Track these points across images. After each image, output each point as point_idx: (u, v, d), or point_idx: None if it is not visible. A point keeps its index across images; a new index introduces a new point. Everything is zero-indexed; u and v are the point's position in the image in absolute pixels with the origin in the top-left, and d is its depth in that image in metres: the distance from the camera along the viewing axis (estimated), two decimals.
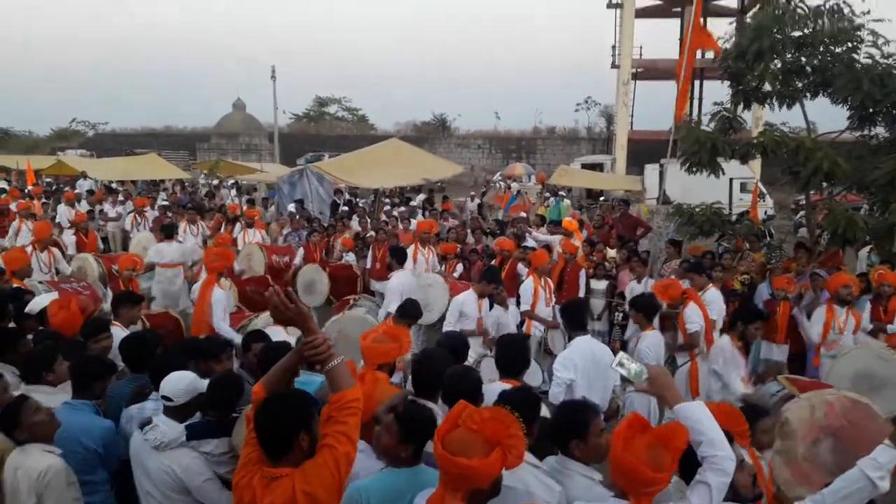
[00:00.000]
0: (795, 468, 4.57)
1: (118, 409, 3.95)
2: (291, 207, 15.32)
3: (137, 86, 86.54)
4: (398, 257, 8.19)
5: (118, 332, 5.06)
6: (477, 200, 20.76)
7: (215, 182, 23.66)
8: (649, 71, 31.70)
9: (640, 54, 31.30)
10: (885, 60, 8.75)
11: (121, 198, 17.22)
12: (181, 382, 3.43)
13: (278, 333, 5.29)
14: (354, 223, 14.08)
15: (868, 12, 8.92)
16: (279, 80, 33.55)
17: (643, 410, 5.71)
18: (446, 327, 6.43)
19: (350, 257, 11.02)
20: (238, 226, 12.45)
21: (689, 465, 2.58)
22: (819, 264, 9.09)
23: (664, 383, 2.71)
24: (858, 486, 2.46)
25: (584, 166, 27.87)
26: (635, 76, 30.89)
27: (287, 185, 16.39)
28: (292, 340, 5.09)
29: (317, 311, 8.86)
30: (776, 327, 7.95)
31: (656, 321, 6.15)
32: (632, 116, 30.99)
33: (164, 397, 3.40)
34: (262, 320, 6.54)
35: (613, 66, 31.62)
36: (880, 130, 9.42)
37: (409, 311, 5.52)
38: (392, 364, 3.96)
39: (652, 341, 5.69)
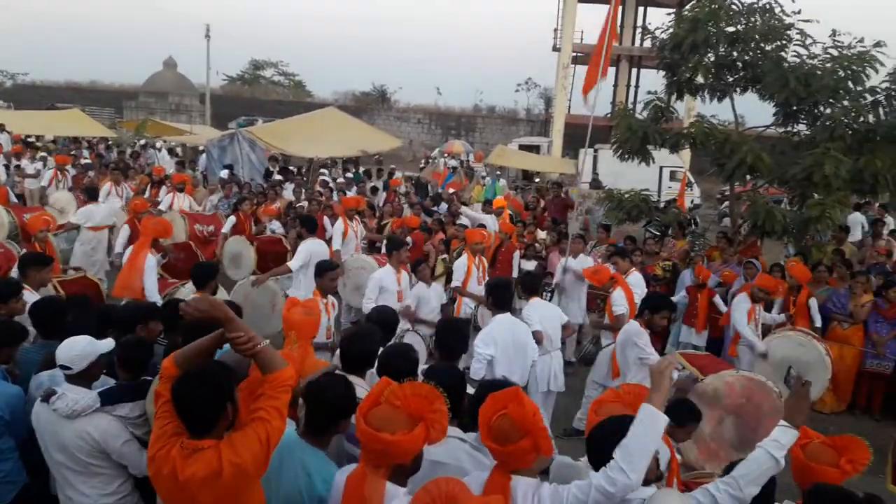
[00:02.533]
0: (703, 447, 4.84)
1: (28, 375, 3.78)
2: (223, 173, 14.89)
3: (61, 36, 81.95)
4: (308, 226, 8.07)
5: (28, 295, 4.82)
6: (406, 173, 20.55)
7: (142, 142, 22.71)
8: (589, 56, 32.13)
9: (581, 39, 31.65)
10: (811, 60, 9.11)
11: (40, 154, 16.32)
12: (75, 348, 3.29)
13: None
14: (288, 192, 13.81)
15: (798, 12, 9.24)
16: (213, 40, 32.45)
17: (544, 374, 5.94)
18: (366, 303, 6.39)
19: (276, 226, 10.76)
20: (164, 189, 12.01)
21: (599, 450, 2.64)
22: (738, 253, 9.48)
23: (802, 405, 2.75)
24: (766, 466, 2.60)
25: (522, 147, 28.11)
26: (575, 60, 31.22)
27: (217, 150, 15.90)
28: None
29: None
30: (696, 314, 8.31)
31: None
32: (569, 100, 31.37)
33: (62, 366, 3.27)
34: (189, 289, 6.38)
35: (554, 49, 31.90)
36: (802, 128, 9.84)
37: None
38: (312, 339, 3.91)
39: (533, 305, 5.91)
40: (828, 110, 9.14)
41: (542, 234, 10.80)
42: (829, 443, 3.04)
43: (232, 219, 10.34)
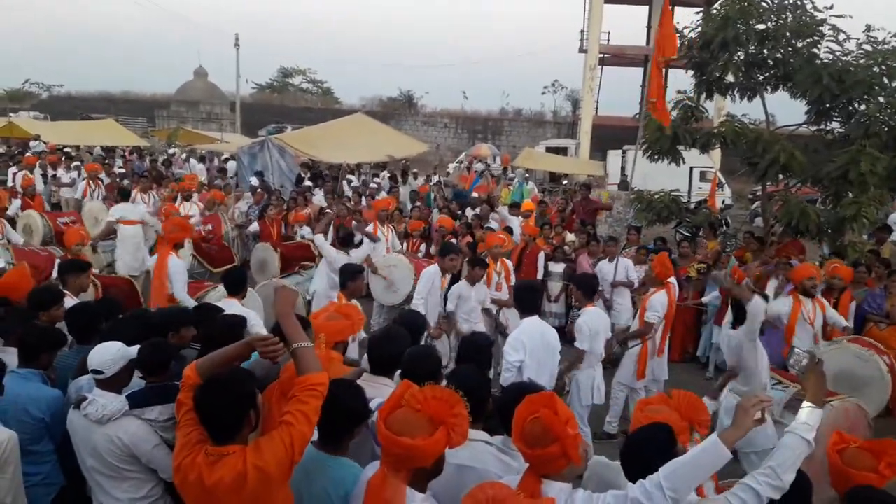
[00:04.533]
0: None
1: (64, 380, 3.86)
2: (253, 180, 15.07)
3: (96, 49, 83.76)
4: (343, 240, 7.92)
5: (68, 301, 4.95)
6: (436, 178, 20.56)
7: (173, 151, 23.09)
8: (616, 57, 31.91)
9: (608, 40, 31.44)
10: (845, 57, 8.93)
11: (75, 163, 16.69)
12: (108, 353, 3.35)
13: (232, 306, 5.24)
14: (318, 198, 13.92)
15: (830, 7, 9.08)
16: (243, 48, 32.94)
17: (587, 388, 5.85)
18: (418, 297, 6.44)
19: (307, 232, 10.85)
20: (195, 197, 12.19)
21: (632, 456, 2.62)
22: (775, 254, 9.30)
23: (816, 379, 2.78)
24: (800, 450, 2.57)
25: (549, 149, 28.01)
26: (602, 62, 31.03)
27: (247, 157, 16.11)
28: (252, 315, 5.05)
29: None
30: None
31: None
32: (597, 102, 31.18)
33: (93, 371, 3.33)
34: (221, 291, 6.48)
35: (581, 50, 31.72)
36: (835, 125, 9.64)
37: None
38: (346, 343, 3.93)
39: (589, 317, 5.78)
40: (862, 107, 8.95)
41: (570, 237, 10.74)
42: (866, 447, 2.98)
43: (255, 225, 10.45)
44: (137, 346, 3.47)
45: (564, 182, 21.89)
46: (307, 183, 15.99)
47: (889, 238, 10.81)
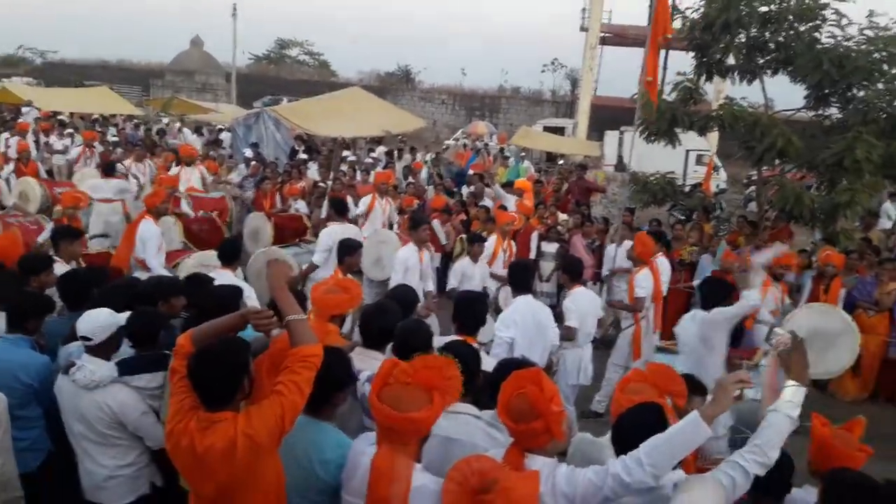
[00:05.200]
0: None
1: (54, 346, 3.86)
2: (247, 152, 14.97)
3: (91, 15, 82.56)
4: (337, 208, 8.04)
5: (59, 267, 4.93)
6: (430, 155, 20.46)
7: (167, 121, 22.88)
8: (618, 37, 31.64)
9: (610, 19, 31.20)
10: (846, 42, 8.88)
11: (68, 130, 16.54)
12: (97, 320, 3.35)
13: (225, 276, 5.24)
14: (312, 171, 13.87)
15: None
16: (240, 18, 32.51)
17: (574, 367, 5.90)
18: (393, 281, 6.42)
19: (301, 206, 10.83)
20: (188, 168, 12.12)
21: (625, 434, 2.64)
22: (768, 239, 9.33)
23: (799, 358, 2.80)
24: (785, 428, 2.60)
25: (547, 129, 27.89)
26: (603, 41, 30.81)
27: (242, 128, 15.98)
28: (246, 287, 5.03)
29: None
30: None
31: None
32: (596, 82, 31.00)
33: (83, 337, 3.33)
34: (196, 259, 6.46)
35: (582, 29, 31.46)
36: (834, 111, 9.60)
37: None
38: (343, 316, 3.95)
39: (577, 297, 5.84)
40: (861, 93, 8.90)
41: (563, 217, 10.73)
42: (845, 427, 3.03)
43: (250, 194, 10.44)
44: (127, 313, 3.47)
45: (561, 162, 21.82)
46: (302, 156, 15.91)
47: (877, 225, 10.87)
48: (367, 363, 3.35)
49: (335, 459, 2.72)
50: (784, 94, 10.49)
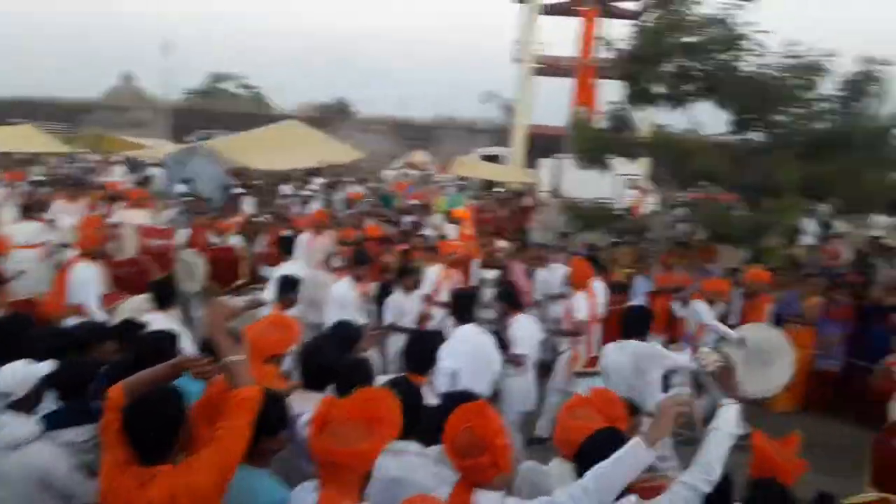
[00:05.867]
0: None
1: None
2: (181, 188, 14.63)
3: (14, 51, 79.76)
4: (284, 248, 7.89)
5: None
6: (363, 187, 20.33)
7: (99, 158, 22.20)
8: (550, 67, 32.41)
9: (542, 51, 31.95)
10: (766, 70, 9.35)
11: None
12: (16, 373, 3.16)
13: (160, 320, 5.06)
14: (248, 206, 13.65)
15: (752, 23, 9.50)
16: (172, 53, 32.01)
17: (521, 394, 5.92)
18: (326, 319, 6.29)
19: (236, 240, 10.61)
20: (120, 205, 11.75)
21: (590, 462, 2.65)
22: (698, 260, 9.63)
23: (731, 377, 2.96)
24: (727, 444, 2.69)
25: (484, 157, 28.22)
26: (536, 72, 31.52)
27: (175, 164, 15.64)
28: (180, 330, 4.86)
29: (195, 297, 8.56)
30: (655, 318, 8.40)
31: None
32: (531, 111, 31.63)
33: (1, 394, 3.14)
34: (134, 304, 6.22)
35: (515, 60, 32.13)
36: (757, 135, 10.08)
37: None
38: (282, 356, 3.86)
39: (519, 325, 5.89)
40: (781, 118, 9.39)
41: (502, 244, 10.83)
42: (782, 442, 3.11)
43: (185, 232, 10.17)
44: (48, 363, 3.29)
45: (502, 190, 22.07)
46: (237, 191, 15.64)
47: (801, 242, 11.38)
48: (308, 405, 3.26)
49: None
50: (710, 119, 10.95)
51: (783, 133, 9.20)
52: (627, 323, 5.44)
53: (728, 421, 2.74)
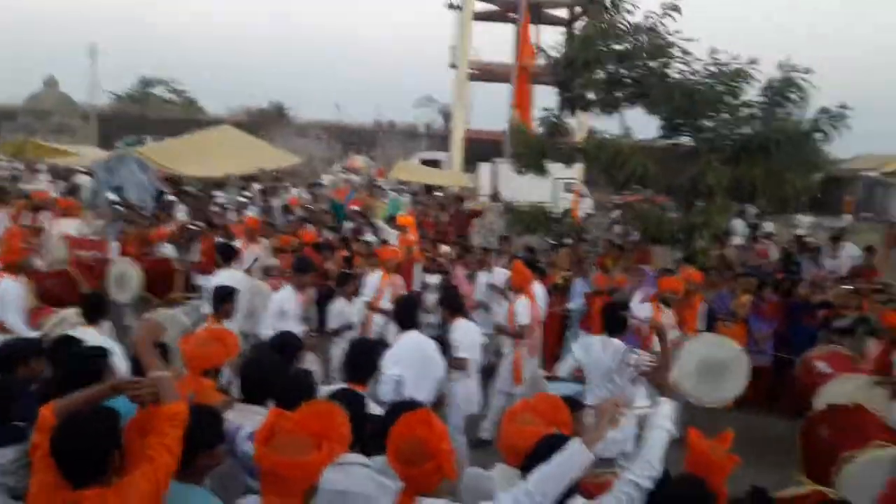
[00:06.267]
0: None
1: None
2: (111, 196, 14.13)
3: None
4: (224, 254, 7.71)
5: None
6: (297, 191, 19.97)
7: (19, 166, 21.19)
8: (485, 73, 32.76)
9: (478, 56, 32.26)
10: (693, 76, 9.68)
11: None
12: None
13: (91, 335, 4.87)
14: (181, 214, 13.29)
15: (680, 32, 9.81)
16: (99, 57, 30.89)
17: (465, 398, 5.96)
18: (265, 329, 6.21)
19: (169, 250, 10.33)
20: (47, 215, 11.27)
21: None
22: (633, 261, 9.88)
23: (664, 376, 3.10)
24: (666, 440, 2.80)
25: (424, 162, 28.30)
26: (472, 77, 31.79)
27: (104, 171, 15.11)
28: (112, 346, 4.69)
29: (128, 307, 8.30)
30: (593, 319, 8.57)
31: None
32: (468, 116, 31.89)
33: None
34: (63, 318, 5.97)
35: (452, 65, 32.35)
36: (686, 139, 10.41)
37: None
38: (219, 369, 3.77)
39: (461, 329, 5.91)
40: (709, 123, 9.73)
41: (445, 248, 10.88)
42: (716, 438, 3.21)
43: (116, 244, 9.84)
44: None
45: (439, 194, 22.15)
46: (170, 198, 15.21)
47: (731, 242, 11.81)
48: (249, 418, 3.20)
49: None
50: (641, 124, 11.25)
51: (711, 138, 9.53)
52: (610, 320, 5.56)
53: (665, 418, 2.84)
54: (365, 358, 4.26)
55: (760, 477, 3.62)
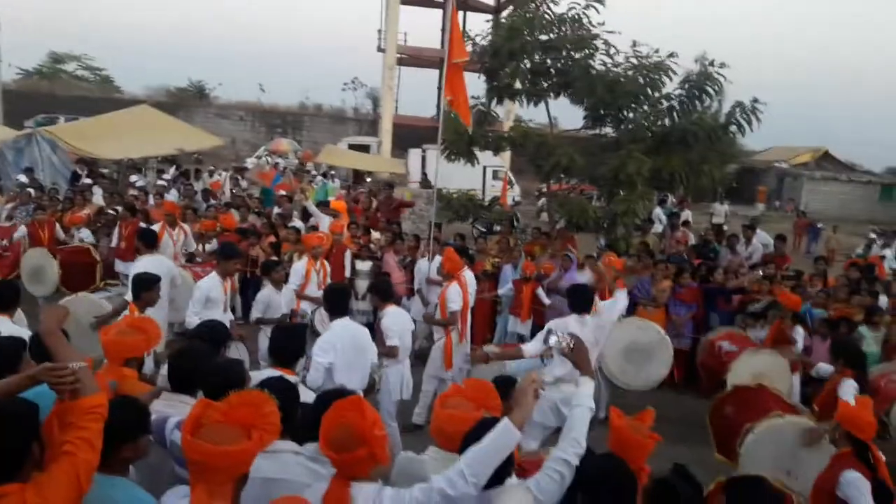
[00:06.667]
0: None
1: None
2: (20, 177, 13.40)
3: None
4: (146, 240, 7.34)
5: None
6: (227, 174, 19.48)
7: None
8: (413, 58, 32.60)
9: (405, 41, 32.05)
10: (615, 68, 9.92)
11: None
12: None
13: (4, 324, 4.65)
14: (97, 197, 12.75)
15: (603, 24, 10.03)
16: (2, 29, 28.99)
17: (396, 383, 6.01)
18: (191, 318, 6.04)
19: (86, 234, 9.90)
20: None
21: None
22: (560, 248, 10.11)
23: (583, 356, 3.16)
24: (588, 417, 2.93)
25: (352, 147, 28.01)
26: (400, 62, 31.59)
27: (13, 152, 14.31)
28: (24, 333, 4.49)
29: (46, 302, 7.93)
30: (521, 305, 8.78)
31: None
32: (396, 101, 31.70)
33: None
34: None
35: (379, 49, 32.03)
36: (609, 130, 10.69)
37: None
38: (141, 359, 3.67)
39: (391, 316, 5.94)
40: (630, 115, 10.02)
41: (375, 235, 10.85)
42: (637, 417, 3.36)
43: (23, 230, 9.34)
44: None
45: (368, 180, 22.01)
46: (85, 181, 14.55)
47: (650, 230, 12.25)
48: (176, 408, 3.15)
49: None
50: (566, 114, 11.48)
51: (632, 129, 9.82)
52: (576, 299, 5.81)
53: (587, 396, 2.99)
54: (289, 342, 4.25)
55: (679, 452, 3.80)
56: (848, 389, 5.08)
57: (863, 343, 7.64)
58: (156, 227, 8.53)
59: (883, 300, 8.71)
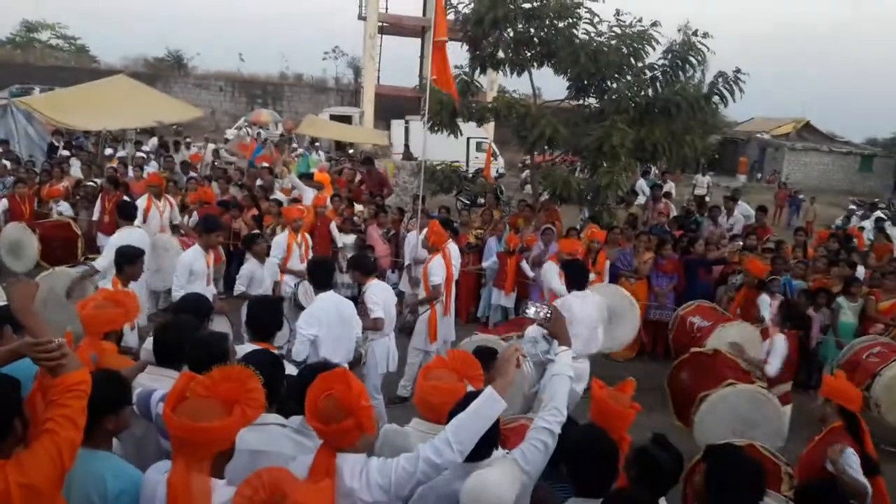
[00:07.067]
0: None
1: None
2: None
3: None
4: (125, 213, 7.24)
5: None
6: (211, 146, 19.28)
7: None
8: (395, 27, 32.13)
9: (387, 8, 31.55)
10: (599, 38, 9.86)
11: None
12: None
13: None
14: (76, 169, 12.54)
15: None
16: None
17: (382, 356, 6.04)
18: (176, 290, 6.01)
19: (65, 207, 9.76)
20: None
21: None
22: (544, 220, 10.13)
23: (561, 325, 3.18)
24: (568, 386, 2.98)
25: (333, 117, 27.64)
26: (382, 30, 31.14)
27: None
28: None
29: (26, 277, 7.83)
30: (505, 277, 8.82)
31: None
32: (378, 70, 31.30)
33: None
34: None
35: (360, 17, 31.54)
36: (592, 101, 10.64)
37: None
38: (120, 332, 3.65)
39: (374, 290, 5.93)
40: (614, 85, 9.98)
41: (359, 208, 10.80)
42: (618, 388, 3.41)
43: (5, 202, 9.20)
44: None
45: (350, 151, 21.82)
46: (63, 153, 14.31)
47: (634, 202, 12.28)
48: (161, 382, 3.14)
49: (118, 488, 2.51)
50: (550, 85, 11.41)
51: (616, 99, 9.78)
52: (573, 276, 5.93)
53: (567, 365, 3.03)
54: (266, 316, 4.21)
55: (659, 421, 3.87)
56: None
57: (840, 313, 7.81)
58: (142, 200, 8.45)
59: (861, 271, 8.84)
